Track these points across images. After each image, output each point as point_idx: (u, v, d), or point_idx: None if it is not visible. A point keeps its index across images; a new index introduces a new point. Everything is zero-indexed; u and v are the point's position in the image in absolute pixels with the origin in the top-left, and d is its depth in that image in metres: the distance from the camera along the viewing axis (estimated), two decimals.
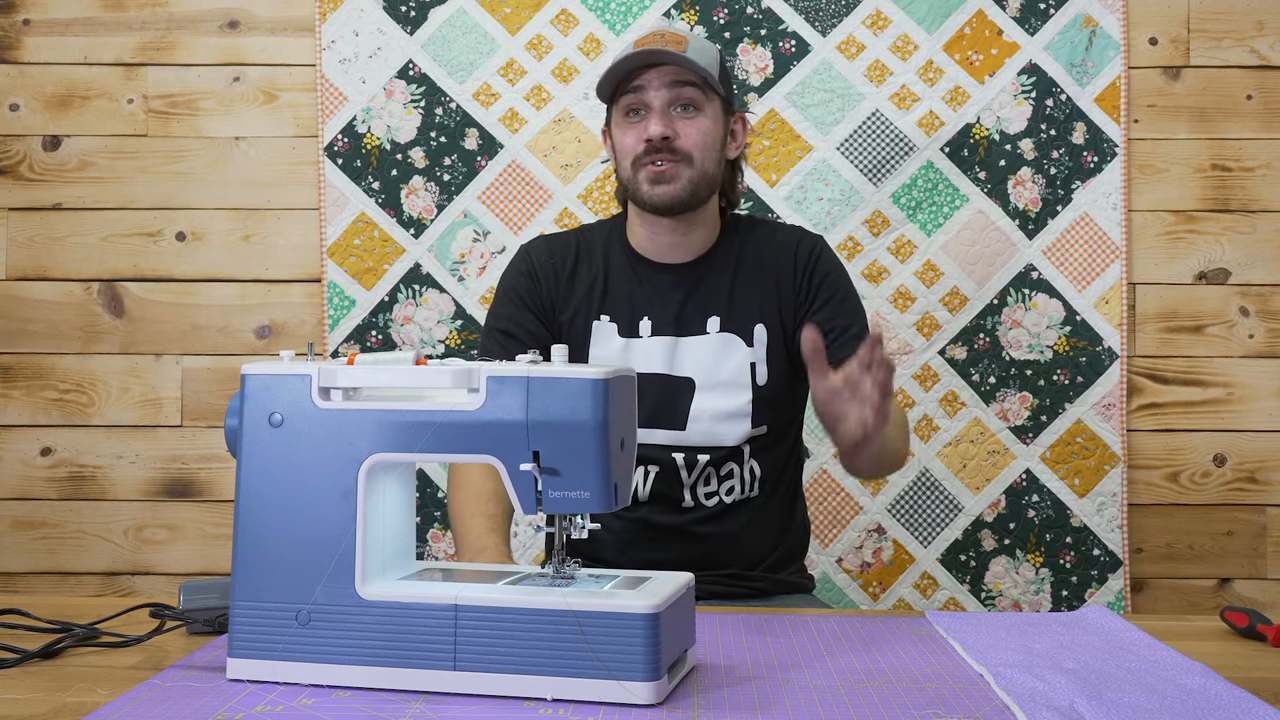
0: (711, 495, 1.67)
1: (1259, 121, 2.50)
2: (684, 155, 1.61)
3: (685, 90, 1.61)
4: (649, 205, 1.63)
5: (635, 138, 1.63)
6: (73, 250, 2.56)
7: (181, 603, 1.26)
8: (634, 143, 1.63)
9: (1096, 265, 2.47)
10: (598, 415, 1.05)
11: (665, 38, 1.62)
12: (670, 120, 1.61)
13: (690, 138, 1.62)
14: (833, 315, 1.67)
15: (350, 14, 2.51)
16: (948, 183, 2.47)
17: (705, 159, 1.63)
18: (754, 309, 1.68)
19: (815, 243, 1.73)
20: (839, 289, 1.70)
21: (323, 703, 1.02)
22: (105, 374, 2.56)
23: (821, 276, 1.69)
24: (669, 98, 1.61)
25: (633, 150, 1.63)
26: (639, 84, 1.62)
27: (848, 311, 1.69)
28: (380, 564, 1.11)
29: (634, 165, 1.63)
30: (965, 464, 2.47)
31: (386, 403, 1.09)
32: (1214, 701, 1.02)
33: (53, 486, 2.56)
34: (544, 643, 1.03)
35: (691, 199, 1.63)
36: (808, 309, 1.68)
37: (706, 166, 1.63)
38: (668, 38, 1.62)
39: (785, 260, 1.70)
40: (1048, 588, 2.46)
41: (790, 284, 1.69)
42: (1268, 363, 2.50)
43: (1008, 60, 2.48)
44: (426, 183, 2.51)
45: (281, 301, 2.55)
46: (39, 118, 2.56)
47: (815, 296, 1.68)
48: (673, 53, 1.58)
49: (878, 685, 1.08)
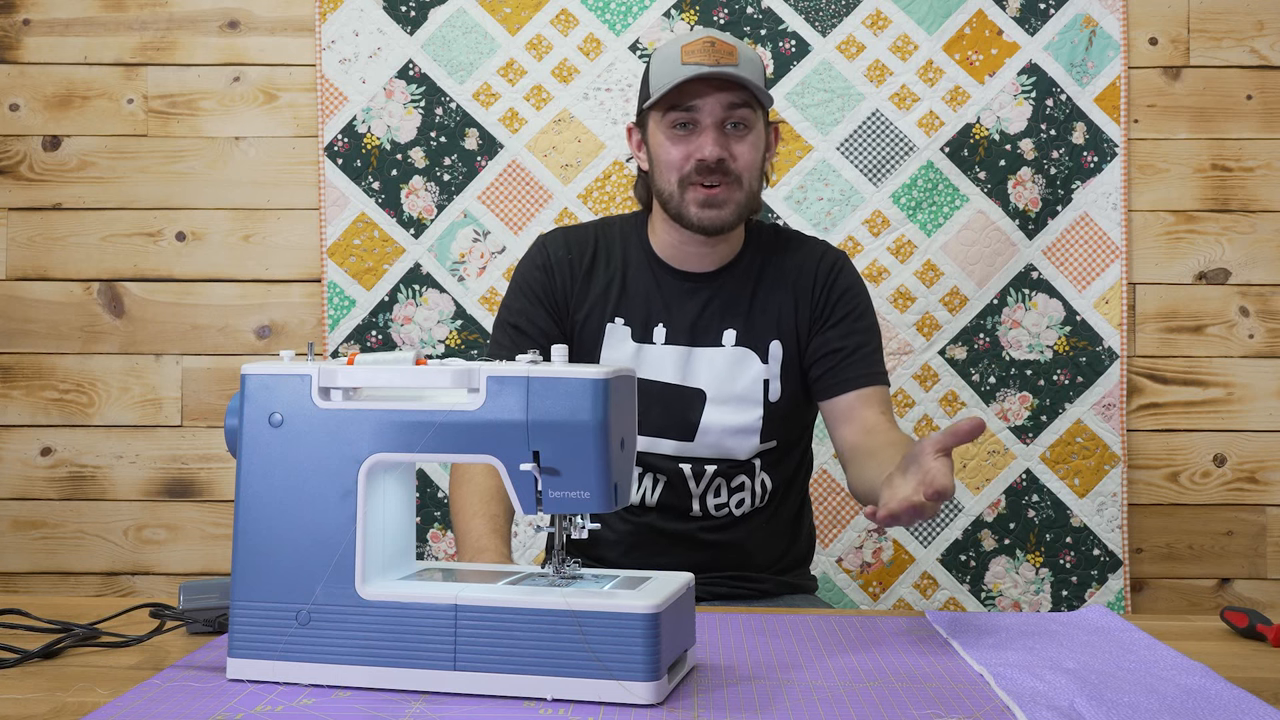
0: (721, 507, 1.66)
1: (1259, 121, 2.50)
2: (735, 177, 1.58)
3: (739, 111, 1.57)
4: (695, 227, 1.59)
5: (684, 154, 1.58)
6: (73, 250, 2.56)
7: (181, 603, 1.26)
8: (682, 159, 1.58)
9: (1096, 265, 2.47)
10: (598, 415, 1.05)
11: (716, 47, 1.55)
12: (725, 140, 1.57)
13: (743, 159, 1.58)
14: (847, 332, 1.65)
15: (350, 14, 2.51)
16: (948, 183, 2.47)
17: (752, 179, 1.60)
18: (771, 324, 1.65)
19: (838, 259, 1.70)
20: (857, 306, 1.67)
21: (323, 703, 1.02)
22: (105, 374, 2.56)
23: (840, 292, 1.67)
24: (723, 117, 1.56)
25: (680, 167, 1.58)
26: (694, 103, 1.56)
27: (863, 330, 1.66)
28: (380, 564, 1.11)
29: (681, 183, 1.58)
30: (965, 464, 2.47)
31: (386, 403, 1.09)
32: (1214, 701, 1.02)
33: (53, 486, 2.56)
34: (544, 643, 1.03)
35: (738, 221, 1.61)
36: (823, 325, 1.65)
37: (753, 186, 1.61)
38: (719, 47, 1.55)
39: (806, 274, 1.67)
40: (1048, 588, 2.46)
41: (808, 300, 1.66)
42: (1268, 363, 2.50)
43: (1008, 60, 2.48)
44: (426, 183, 2.51)
45: (281, 301, 2.55)
46: (39, 118, 2.56)
47: (832, 312, 1.66)
48: (732, 73, 1.53)
49: (878, 685, 1.08)
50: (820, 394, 1.65)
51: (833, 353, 1.64)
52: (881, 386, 1.64)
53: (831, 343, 1.64)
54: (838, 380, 1.63)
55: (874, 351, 1.66)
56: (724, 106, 1.56)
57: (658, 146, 1.61)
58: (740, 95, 1.56)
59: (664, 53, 1.60)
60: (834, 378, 1.63)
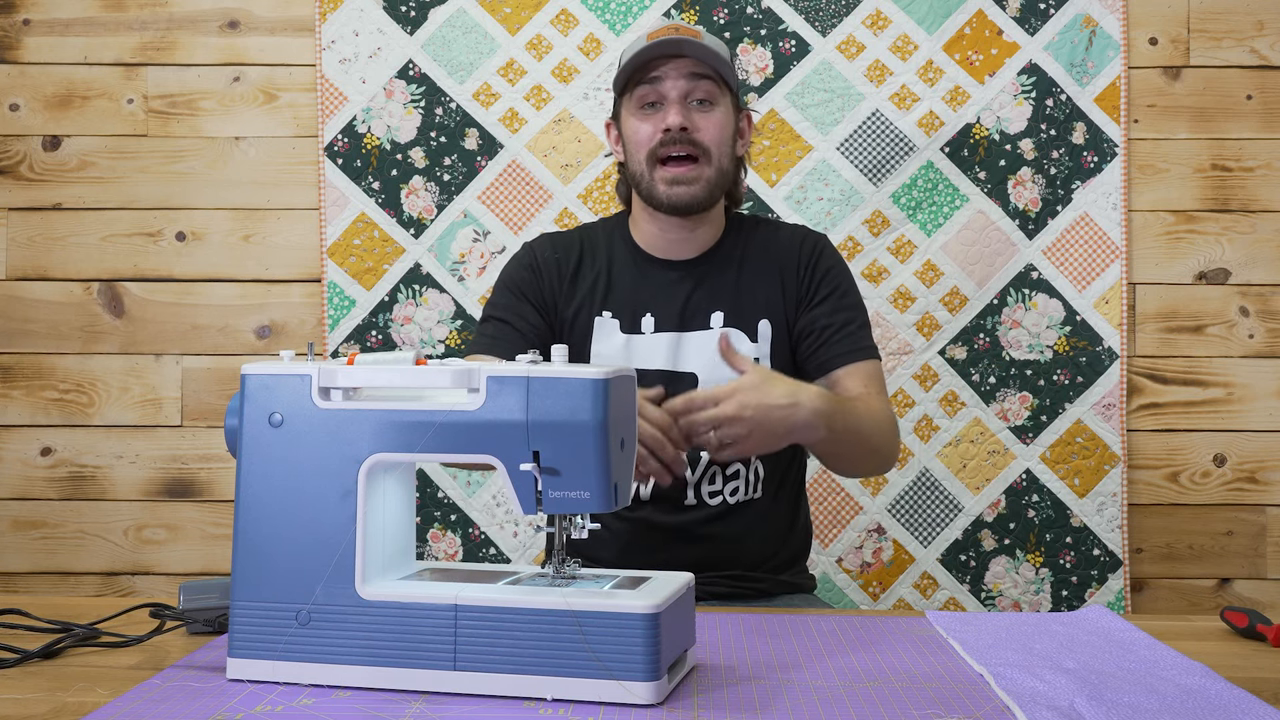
0: (715, 494, 1.67)
1: (1259, 121, 2.50)
2: (703, 149, 1.61)
3: (703, 83, 1.61)
4: (665, 206, 1.63)
5: (652, 128, 1.61)
6: (73, 250, 2.56)
7: (181, 603, 1.26)
8: (650, 133, 1.61)
9: (1096, 265, 2.47)
10: (598, 415, 1.05)
11: (679, 30, 1.61)
12: (688, 112, 1.61)
13: (708, 131, 1.61)
14: (833, 310, 1.68)
15: (350, 14, 2.51)
16: (948, 183, 2.47)
17: (721, 154, 1.63)
18: (759, 304, 1.68)
19: (818, 240, 1.74)
20: (840, 284, 1.70)
21: (323, 703, 1.02)
22: (105, 374, 2.56)
23: (824, 272, 1.70)
24: (686, 89, 1.61)
25: (648, 141, 1.62)
26: (656, 75, 1.61)
27: (849, 306, 1.69)
28: (380, 564, 1.11)
29: (649, 159, 1.62)
30: (965, 464, 2.47)
31: (386, 403, 1.09)
32: (1214, 701, 1.02)
33: (53, 486, 2.56)
34: (544, 643, 1.03)
35: (709, 200, 1.64)
36: (809, 303, 1.68)
37: (723, 163, 1.64)
38: (682, 31, 1.61)
39: (789, 256, 1.70)
40: (1048, 588, 2.46)
41: (794, 279, 1.69)
42: (1268, 363, 2.50)
43: (1008, 60, 2.48)
44: (426, 183, 2.51)
45: (281, 301, 2.55)
46: (39, 118, 2.56)
47: (816, 291, 1.69)
48: (692, 41, 1.58)
49: (878, 685, 1.08)
50: (808, 373, 1.67)
51: (818, 331, 1.66)
52: (866, 361, 1.67)
53: (817, 321, 1.66)
54: (824, 358, 1.66)
55: (860, 328, 1.68)
56: (685, 77, 1.60)
57: (629, 130, 1.65)
58: (702, 69, 1.60)
59: (632, 43, 1.65)
60: (821, 356, 1.66)
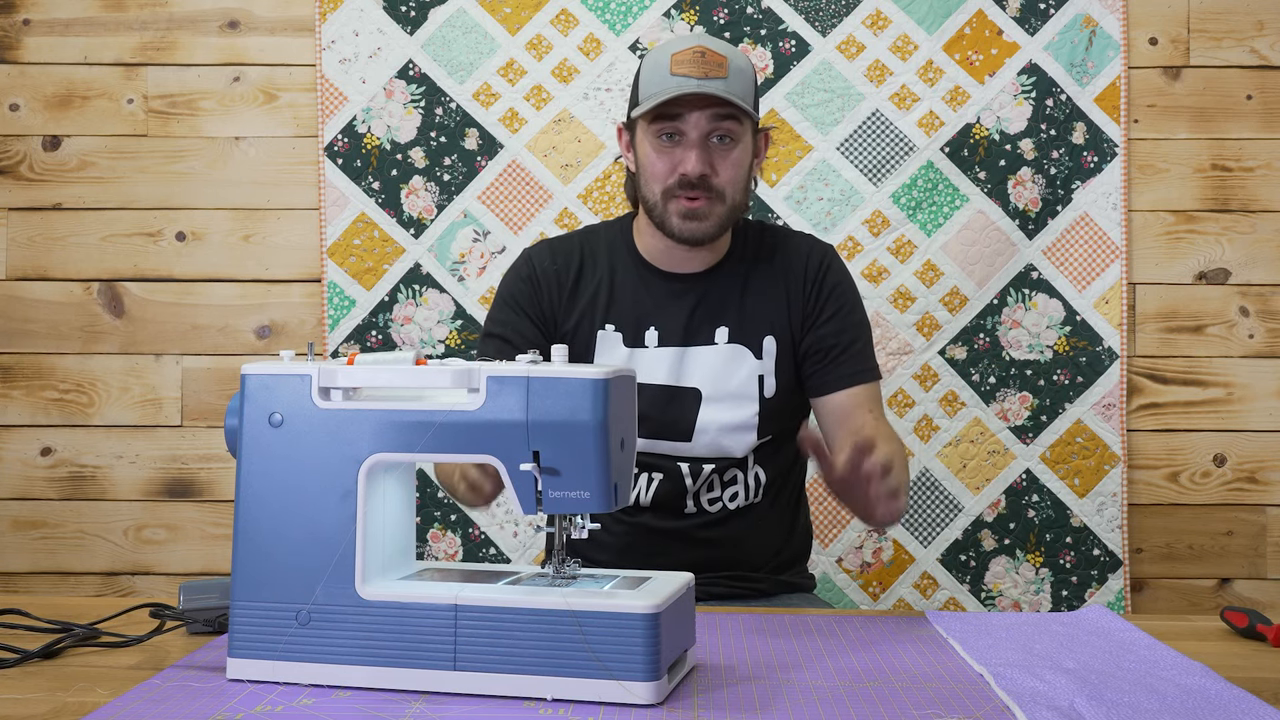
0: (715, 501, 1.67)
1: (1259, 121, 2.50)
2: (718, 192, 1.58)
3: (725, 124, 1.57)
4: (676, 238, 1.60)
5: (668, 166, 1.58)
6: (73, 250, 2.56)
7: (181, 603, 1.26)
8: (666, 171, 1.58)
9: (1096, 265, 2.47)
10: (598, 415, 1.05)
11: (706, 59, 1.55)
12: (708, 154, 1.57)
13: (726, 174, 1.58)
14: (839, 329, 1.66)
15: (350, 14, 2.51)
16: (948, 183, 2.47)
17: (736, 192, 1.60)
18: (763, 320, 1.65)
19: (825, 253, 1.71)
20: (846, 301, 1.68)
21: (323, 703, 1.02)
22: (105, 374, 2.56)
23: (830, 288, 1.67)
24: (708, 129, 1.56)
25: (664, 178, 1.58)
26: (679, 112, 1.56)
27: (854, 325, 1.67)
28: (380, 564, 1.11)
29: (664, 194, 1.59)
30: (965, 464, 2.47)
31: (386, 403, 1.09)
32: (1214, 701, 1.02)
33: (53, 486, 2.56)
34: (544, 643, 1.03)
35: (720, 233, 1.62)
36: (815, 322, 1.66)
37: (736, 199, 1.61)
38: (709, 59, 1.55)
39: (795, 271, 1.68)
40: (1048, 588, 2.46)
41: (800, 296, 1.67)
42: (1268, 363, 2.50)
43: (1008, 60, 2.48)
44: (426, 183, 2.51)
45: (281, 301, 2.55)
46: (39, 118, 2.56)
47: (823, 309, 1.66)
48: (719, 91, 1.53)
49: (878, 685, 1.08)
50: (810, 391, 1.67)
51: (824, 351, 1.65)
52: (870, 384, 1.66)
53: (824, 340, 1.65)
54: (829, 378, 1.65)
55: (864, 347, 1.67)
56: (709, 119, 1.56)
57: (644, 155, 1.61)
58: (727, 109, 1.56)
59: (654, 58, 1.59)
60: (825, 375, 1.65)
